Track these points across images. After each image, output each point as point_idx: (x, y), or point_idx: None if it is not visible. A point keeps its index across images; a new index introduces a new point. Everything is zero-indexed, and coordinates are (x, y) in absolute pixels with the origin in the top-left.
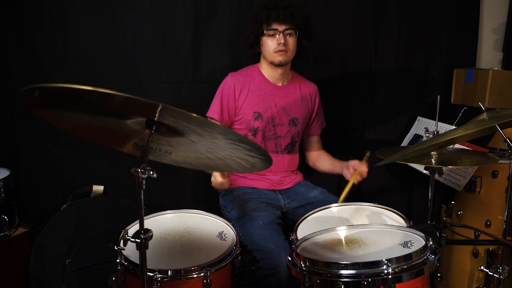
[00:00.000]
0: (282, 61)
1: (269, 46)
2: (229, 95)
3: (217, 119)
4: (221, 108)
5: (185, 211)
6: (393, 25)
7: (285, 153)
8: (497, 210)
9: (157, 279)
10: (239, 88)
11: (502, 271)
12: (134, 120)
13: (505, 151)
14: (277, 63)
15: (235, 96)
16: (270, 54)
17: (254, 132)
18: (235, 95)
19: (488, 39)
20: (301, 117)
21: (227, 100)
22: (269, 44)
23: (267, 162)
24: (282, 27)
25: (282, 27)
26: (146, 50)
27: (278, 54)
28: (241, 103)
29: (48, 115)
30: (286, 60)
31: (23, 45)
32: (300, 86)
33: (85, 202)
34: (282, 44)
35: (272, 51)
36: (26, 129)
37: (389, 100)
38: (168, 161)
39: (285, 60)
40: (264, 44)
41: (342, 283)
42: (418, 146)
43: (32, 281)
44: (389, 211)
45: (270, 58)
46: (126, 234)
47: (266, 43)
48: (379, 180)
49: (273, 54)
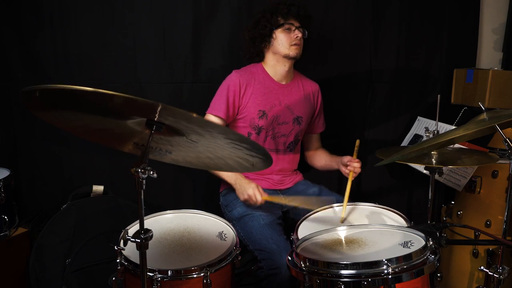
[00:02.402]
0: (298, 55)
1: (284, 40)
2: (234, 91)
3: (223, 116)
4: (226, 105)
5: (185, 211)
6: (393, 25)
7: (288, 151)
8: (497, 210)
9: (157, 279)
10: (244, 85)
11: (502, 271)
12: (134, 120)
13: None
14: (292, 56)
15: (240, 93)
16: (285, 47)
17: (258, 130)
18: (240, 92)
19: (488, 39)
20: (305, 115)
21: (232, 97)
22: (283, 37)
23: (267, 162)
24: (297, 23)
25: (297, 23)
26: (146, 50)
27: (294, 47)
28: (246, 101)
29: (47, 116)
30: (299, 54)
31: (23, 45)
32: (303, 84)
33: (85, 202)
34: (299, 38)
35: (288, 44)
36: (26, 129)
37: (389, 100)
38: (168, 160)
39: (299, 54)
40: (278, 37)
41: (342, 283)
42: (418, 146)
43: (32, 281)
44: (389, 211)
45: (285, 51)
46: (126, 234)
47: (280, 36)
48: (379, 180)
49: (290, 47)
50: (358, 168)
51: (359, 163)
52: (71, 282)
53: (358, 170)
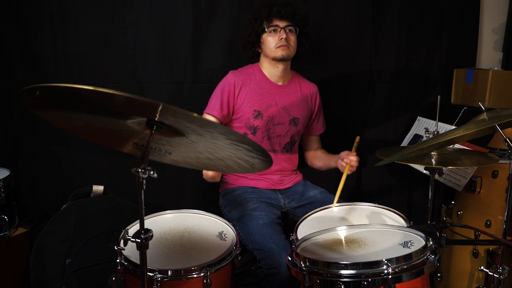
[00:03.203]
0: (285, 55)
1: (271, 43)
2: (229, 91)
3: (218, 116)
4: (220, 104)
5: (185, 211)
6: (393, 25)
7: (284, 152)
8: (497, 210)
9: (157, 279)
10: (239, 86)
11: (502, 271)
12: (134, 120)
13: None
14: (279, 58)
15: (235, 93)
16: (271, 50)
17: (254, 130)
18: (234, 92)
19: (488, 39)
20: (301, 117)
21: (227, 97)
22: (270, 40)
23: (267, 163)
24: (283, 23)
25: (283, 23)
26: (146, 50)
27: (280, 49)
28: (241, 101)
29: (48, 115)
30: (288, 54)
31: (23, 45)
32: (300, 85)
33: (85, 202)
34: (284, 39)
35: (274, 47)
36: (26, 129)
37: (389, 100)
38: (168, 160)
39: (287, 55)
40: (265, 41)
41: (342, 283)
42: (418, 146)
43: (32, 281)
44: (389, 211)
45: (272, 54)
46: (126, 234)
47: (268, 40)
48: (379, 180)
49: (275, 50)
50: (355, 162)
51: (356, 157)
52: (71, 282)
53: (354, 163)
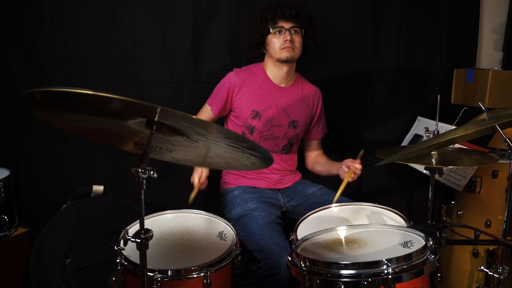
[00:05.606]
0: (289, 57)
1: (275, 44)
2: (228, 89)
3: (215, 108)
4: (215, 99)
5: (185, 211)
6: (393, 25)
7: (283, 153)
8: (497, 210)
9: (157, 279)
10: (239, 85)
11: (502, 271)
12: (134, 120)
13: (505, 151)
14: (284, 59)
15: (234, 91)
16: (276, 52)
17: (251, 130)
18: (233, 91)
19: (488, 39)
20: (301, 120)
21: (226, 94)
22: (275, 42)
23: (267, 161)
24: (288, 24)
25: (288, 24)
26: (146, 50)
27: (285, 50)
28: (239, 101)
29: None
30: (293, 56)
31: (23, 45)
32: (303, 88)
33: (85, 202)
34: (288, 41)
35: (278, 48)
36: (26, 129)
37: (389, 100)
38: (169, 158)
39: (292, 56)
40: (270, 42)
41: (342, 283)
42: (418, 146)
43: (32, 281)
44: (389, 211)
45: (277, 55)
46: (126, 234)
47: (272, 41)
48: (379, 180)
49: (280, 51)
50: (359, 170)
51: (361, 165)
52: (71, 282)
53: (358, 171)
